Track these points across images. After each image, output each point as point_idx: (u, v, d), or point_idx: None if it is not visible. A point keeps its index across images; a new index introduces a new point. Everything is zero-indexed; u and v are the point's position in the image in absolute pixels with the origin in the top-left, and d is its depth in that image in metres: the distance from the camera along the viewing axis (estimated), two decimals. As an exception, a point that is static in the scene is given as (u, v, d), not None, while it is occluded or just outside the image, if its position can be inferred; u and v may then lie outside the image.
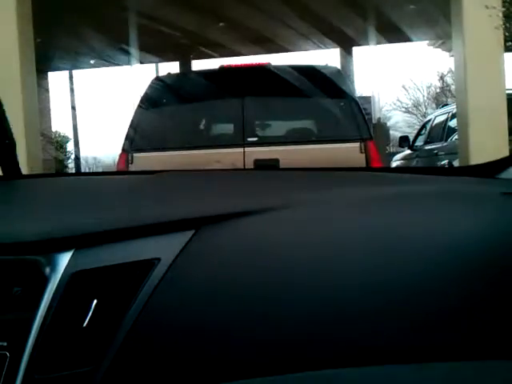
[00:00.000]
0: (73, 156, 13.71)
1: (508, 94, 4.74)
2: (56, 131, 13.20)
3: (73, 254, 0.62)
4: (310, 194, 0.73)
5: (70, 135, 13.69)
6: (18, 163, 0.99)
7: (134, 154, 3.48)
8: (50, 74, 11.11)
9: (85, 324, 0.59)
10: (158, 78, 4.02)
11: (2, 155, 0.97)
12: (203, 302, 0.60)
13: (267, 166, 3.26)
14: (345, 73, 4.36)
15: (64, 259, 0.61)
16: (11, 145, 0.97)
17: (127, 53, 9.77)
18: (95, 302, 0.59)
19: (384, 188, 0.76)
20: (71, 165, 13.95)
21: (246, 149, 3.47)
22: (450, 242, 0.64)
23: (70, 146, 13.91)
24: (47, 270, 0.61)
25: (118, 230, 0.64)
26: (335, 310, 0.59)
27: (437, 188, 0.76)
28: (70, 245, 0.62)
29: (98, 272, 0.61)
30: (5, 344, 0.58)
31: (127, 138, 3.56)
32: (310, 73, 3.77)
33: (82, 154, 14.05)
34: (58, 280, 0.60)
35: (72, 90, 13.43)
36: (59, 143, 13.27)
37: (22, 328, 0.58)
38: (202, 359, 0.58)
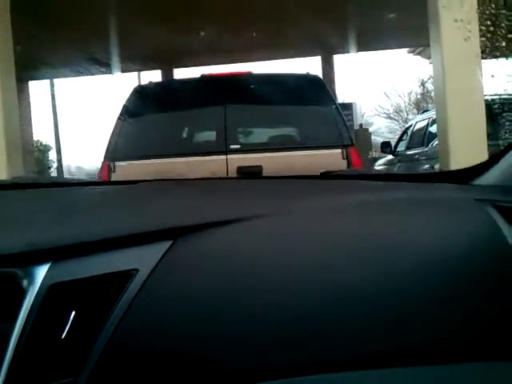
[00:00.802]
0: (55, 165, 13.57)
1: (487, 100, 4.82)
2: (38, 140, 13.05)
3: (50, 266, 0.62)
4: (288, 203, 0.74)
5: (52, 144, 13.56)
6: None
7: (116, 163, 3.46)
8: (30, 82, 11.00)
9: (63, 336, 0.59)
10: (139, 87, 4.01)
11: None
12: (182, 312, 0.60)
13: (249, 174, 3.27)
14: (326, 80, 4.39)
15: (41, 271, 0.61)
16: None
17: (108, 62, 9.73)
18: (73, 313, 0.59)
19: (361, 195, 0.77)
20: (54, 174, 13.80)
21: (229, 156, 3.47)
22: (424, 248, 0.65)
23: (53, 155, 13.78)
24: (25, 282, 0.61)
25: (95, 241, 0.64)
26: (316, 317, 0.60)
27: (412, 194, 0.77)
28: (47, 257, 0.62)
29: (76, 284, 0.61)
30: None
31: (109, 146, 3.54)
32: (291, 81, 3.80)
33: (65, 163, 13.93)
34: (35, 292, 0.60)
35: (53, 99, 13.33)
36: (42, 151, 13.12)
37: (0, 341, 0.58)
38: (181, 369, 0.58)
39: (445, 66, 4.65)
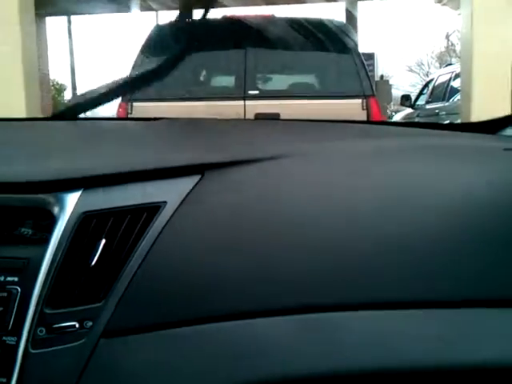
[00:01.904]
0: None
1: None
2: (54, 79, 12.98)
3: (81, 194, 0.63)
4: (311, 145, 0.73)
5: (68, 84, 13.48)
6: None
7: (134, 104, 3.45)
8: (47, 18, 10.83)
9: (93, 263, 0.60)
10: (159, 26, 3.94)
11: None
12: (207, 245, 0.61)
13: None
14: (349, 28, 4.27)
15: (72, 199, 0.62)
16: None
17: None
18: (103, 242, 0.61)
19: (386, 140, 0.76)
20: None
21: (247, 102, 3.44)
22: (452, 195, 0.65)
23: (68, 95, 13.72)
24: (56, 209, 0.62)
25: (125, 172, 0.64)
26: (335, 259, 0.61)
27: (439, 142, 0.76)
28: (78, 185, 0.63)
29: (106, 213, 0.62)
30: (16, 279, 0.59)
31: (127, 86, 3.51)
32: (316, 26, 3.70)
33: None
34: (66, 219, 0.61)
35: (70, 37, 13.15)
36: (57, 90, 13.07)
37: (32, 264, 0.60)
38: (202, 300, 0.59)
39: (474, 15, 4.48)
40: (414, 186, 0.66)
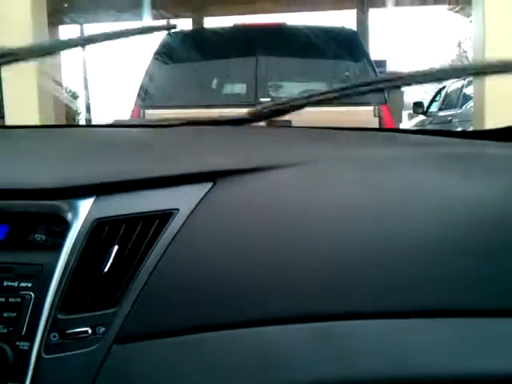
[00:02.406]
0: (82, 115, 13.65)
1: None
2: (66, 87, 13.12)
3: (94, 200, 0.63)
4: (324, 153, 0.73)
5: (80, 92, 13.62)
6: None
7: (146, 111, 3.48)
8: (60, 27, 10.98)
9: (106, 269, 0.60)
10: (171, 34, 3.97)
11: None
12: (219, 253, 0.61)
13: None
14: (361, 35, 4.28)
15: (86, 206, 0.63)
16: None
17: (138, 8, 9.61)
18: (116, 248, 0.61)
19: (398, 148, 0.76)
20: (82, 123, 13.89)
21: None
22: (465, 205, 0.64)
23: (80, 104, 13.85)
24: (69, 215, 0.62)
25: (138, 179, 0.65)
26: (347, 268, 0.60)
27: (452, 150, 0.76)
28: (92, 192, 0.63)
29: (119, 220, 0.62)
30: (29, 285, 0.60)
31: (139, 94, 3.55)
32: (326, 34, 3.70)
33: (93, 113, 14.01)
34: (79, 226, 0.61)
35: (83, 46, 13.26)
36: (71, 97, 13.20)
37: (46, 270, 0.60)
38: (217, 306, 0.59)
39: (485, 22, 4.46)
40: (426, 195, 0.65)
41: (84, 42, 1.15)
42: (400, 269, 0.60)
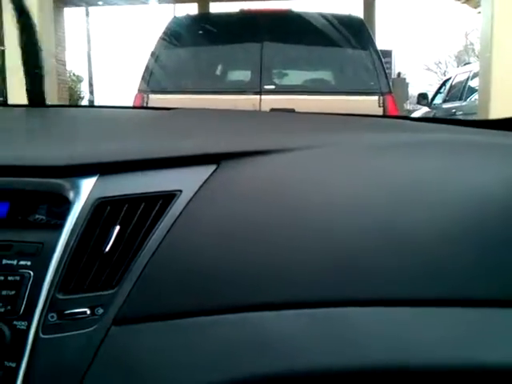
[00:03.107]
0: (86, 99, 13.60)
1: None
2: (70, 70, 13.06)
3: (97, 180, 0.62)
4: (328, 137, 0.72)
5: (85, 75, 13.56)
6: (43, 94, 1.00)
7: (150, 96, 3.46)
8: (65, 9, 10.89)
9: (106, 250, 0.60)
10: (176, 18, 3.94)
11: (31, 84, 0.98)
12: (221, 235, 0.61)
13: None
14: (367, 24, 4.24)
15: (88, 185, 0.62)
16: (40, 75, 0.98)
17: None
18: (117, 228, 0.60)
19: (402, 135, 0.75)
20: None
21: (263, 96, 3.43)
22: (468, 192, 0.63)
23: (84, 87, 13.79)
24: (71, 194, 0.62)
25: (141, 160, 0.64)
26: (347, 254, 0.60)
27: (456, 137, 0.75)
28: (95, 171, 0.63)
29: (121, 200, 0.61)
30: (29, 263, 0.59)
31: (143, 78, 3.53)
32: (333, 22, 3.67)
33: (96, 96, 13.95)
34: (81, 205, 0.61)
35: (88, 28, 13.22)
36: (74, 82, 13.14)
37: (46, 249, 0.60)
38: (217, 290, 0.59)
39: (494, 14, 4.42)
40: (429, 181, 0.64)
41: None
42: (399, 257, 0.59)
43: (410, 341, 0.57)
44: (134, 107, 0.97)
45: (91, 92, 13.46)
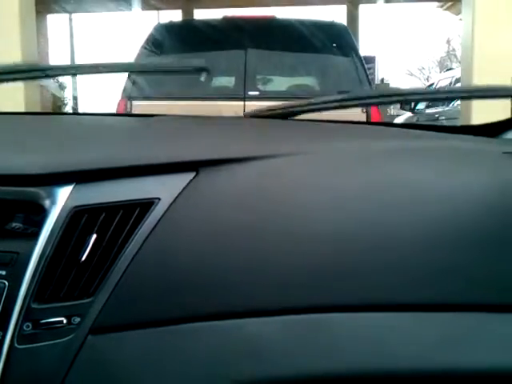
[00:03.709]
0: (69, 105, 13.48)
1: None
2: (54, 78, 12.94)
3: (73, 188, 0.62)
4: (308, 144, 0.72)
5: (68, 82, 13.44)
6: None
7: (133, 102, 3.44)
8: (48, 16, 10.81)
9: (83, 258, 0.59)
10: (160, 25, 3.93)
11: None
12: (199, 243, 0.60)
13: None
14: (351, 30, 4.27)
15: (64, 193, 0.61)
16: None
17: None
18: (94, 237, 0.60)
19: (386, 141, 0.75)
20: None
21: (247, 102, 3.43)
22: (451, 197, 0.64)
23: (68, 94, 13.66)
24: (47, 202, 0.61)
25: (119, 168, 0.63)
26: (333, 260, 0.60)
27: (439, 144, 0.75)
28: (71, 180, 0.62)
29: (98, 208, 0.61)
30: (3, 273, 0.58)
31: (126, 85, 3.51)
32: (316, 28, 3.69)
33: (80, 104, 13.84)
34: (57, 213, 0.60)
35: (71, 35, 13.13)
36: (57, 89, 13.03)
37: (21, 259, 0.59)
38: (197, 297, 0.59)
39: (475, 20, 4.48)
40: (413, 187, 0.65)
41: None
42: (386, 262, 0.59)
43: (398, 346, 0.57)
44: (114, 114, 0.96)
45: (75, 99, 13.35)
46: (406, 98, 0.92)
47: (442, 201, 0.63)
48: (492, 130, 0.86)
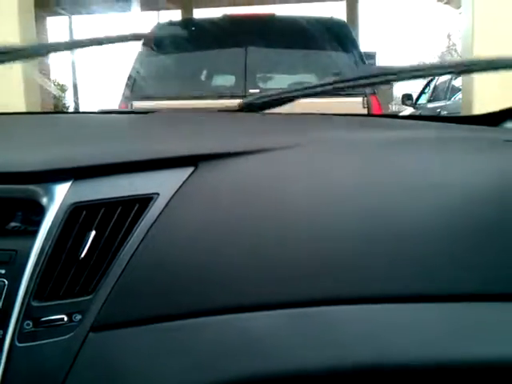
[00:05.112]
0: (71, 108, 13.49)
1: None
2: (54, 79, 12.96)
3: (71, 185, 0.61)
4: (308, 136, 0.72)
5: (69, 85, 13.46)
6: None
7: (134, 103, 3.44)
8: (48, 18, 10.83)
9: (82, 255, 0.59)
10: (160, 25, 3.93)
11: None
12: (199, 238, 0.60)
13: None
14: (350, 26, 4.26)
15: (62, 190, 0.61)
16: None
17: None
18: (93, 233, 0.59)
19: (387, 132, 0.75)
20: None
21: None
22: (453, 187, 0.63)
23: (69, 96, 13.68)
24: (45, 200, 0.61)
25: (117, 163, 0.63)
26: (330, 252, 0.59)
27: (440, 133, 0.75)
28: (69, 176, 0.62)
29: (97, 204, 0.61)
30: (3, 271, 0.58)
31: (127, 85, 3.51)
32: (315, 25, 3.68)
33: (81, 106, 13.87)
34: (56, 210, 0.60)
35: (71, 37, 13.14)
36: (59, 91, 13.04)
37: (20, 257, 0.59)
38: (197, 293, 0.58)
39: (475, 14, 4.47)
40: (414, 177, 0.64)
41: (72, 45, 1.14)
42: (384, 254, 0.59)
43: (402, 338, 0.57)
44: (112, 111, 0.96)
45: (76, 101, 13.37)
46: (400, 76, 0.91)
47: (443, 190, 0.63)
48: (493, 120, 0.86)
